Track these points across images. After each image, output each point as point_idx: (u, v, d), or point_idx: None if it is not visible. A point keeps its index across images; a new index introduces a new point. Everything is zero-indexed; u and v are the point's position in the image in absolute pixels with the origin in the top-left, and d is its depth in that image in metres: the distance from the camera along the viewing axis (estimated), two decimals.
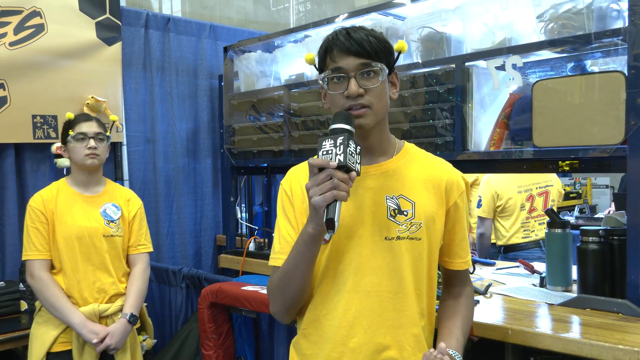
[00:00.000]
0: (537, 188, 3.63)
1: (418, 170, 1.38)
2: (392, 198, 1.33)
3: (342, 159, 1.16)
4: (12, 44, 2.98)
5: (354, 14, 2.64)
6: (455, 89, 2.19)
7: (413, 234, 1.32)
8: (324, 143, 1.20)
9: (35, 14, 3.06)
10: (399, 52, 1.33)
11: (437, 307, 1.47)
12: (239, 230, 3.41)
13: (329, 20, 2.75)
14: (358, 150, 1.20)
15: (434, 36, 2.35)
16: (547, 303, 1.91)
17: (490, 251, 3.73)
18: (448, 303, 1.47)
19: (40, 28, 3.06)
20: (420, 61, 2.34)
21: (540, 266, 2.46)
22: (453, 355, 1.29)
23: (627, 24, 1.80)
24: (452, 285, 1.49)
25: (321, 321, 1.35)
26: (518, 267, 2.58)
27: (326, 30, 2.76)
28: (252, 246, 3.12)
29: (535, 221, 3.63)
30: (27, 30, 3.03)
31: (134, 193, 2.47)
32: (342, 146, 1.17)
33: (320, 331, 1.35)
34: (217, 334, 2.63)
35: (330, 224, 1.15)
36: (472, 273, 2.37)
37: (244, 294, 2.40)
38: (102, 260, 2.25)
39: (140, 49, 3.54)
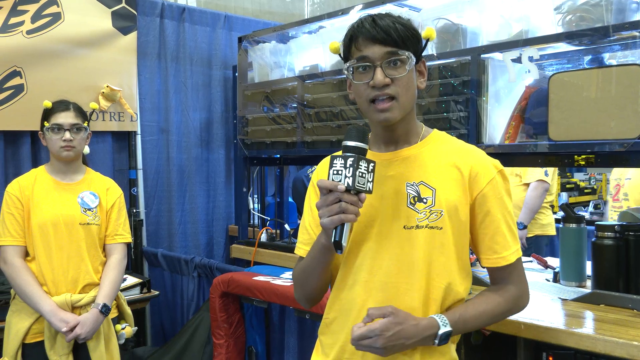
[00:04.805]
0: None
1: (441, 157, 1.30)
2: (412, 185, 1.28)
3: (350, 183, 1.14)
4: (29, 32, 3.00)
5: (369, 5, 2.62)
6: (470, 82, 2.17)
7: (433, 223, 1.25)
8: (334, 162, 1.18)
9: (52, 2, 3.08)
10: (427, 40, 1.27)
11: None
12: (251, 221, 3.42)
13: (344, 12, 2.73)
14: (371, 167, 1.18)
15: (449, 28, 2.33)
16: (560, 298, 1.90)
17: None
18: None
19: (57, 17, 3.08)
20: (435, 53, 2.32)
21: (554, 261, 2.44)
22: (439, 320, 1.21)
23: None
24: (493, 284, 1.35)
25: (341, 311, 1.34)
26: (531, 261, 2.56)
27: (341, 22, 2.75)
28: (264, 237, 3.12)
29: None
30: (44, 18, 3.06)
31: (114, 182, 2.41)
32: (351, 168, 1.14)
33: (340, 321, 1.34)
34: (228, 323, 2.65)
35: (337, 245, 1.16)
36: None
37: (255, 284, 2.41)
38: (78, 249, 2.20)
39: (155, 38, 3.56)
